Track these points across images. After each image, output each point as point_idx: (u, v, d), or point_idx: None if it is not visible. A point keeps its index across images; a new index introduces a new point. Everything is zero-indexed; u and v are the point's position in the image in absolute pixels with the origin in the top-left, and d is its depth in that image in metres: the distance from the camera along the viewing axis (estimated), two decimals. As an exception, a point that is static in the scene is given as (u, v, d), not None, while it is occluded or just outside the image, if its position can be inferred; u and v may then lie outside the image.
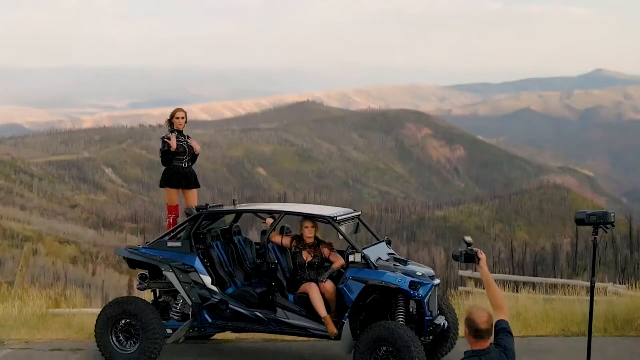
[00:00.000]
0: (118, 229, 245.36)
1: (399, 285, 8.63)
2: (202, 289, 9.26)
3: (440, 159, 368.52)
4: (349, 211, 9.95)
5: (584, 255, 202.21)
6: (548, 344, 11.00)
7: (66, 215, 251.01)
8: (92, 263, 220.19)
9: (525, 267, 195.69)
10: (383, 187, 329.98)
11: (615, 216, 6.95)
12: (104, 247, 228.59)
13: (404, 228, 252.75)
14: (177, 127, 10.43)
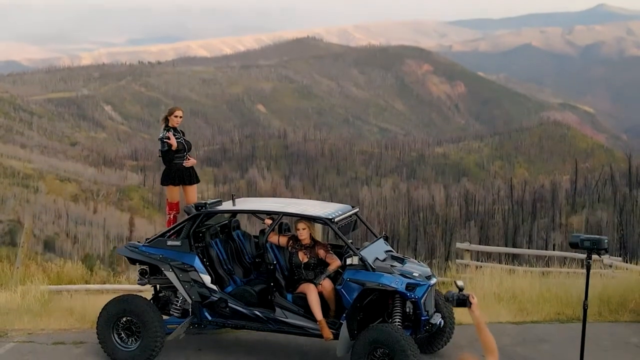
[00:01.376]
0: (118, 167, 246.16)
1: (396, 287, 8.76)
2: (202, 287, 9.39)
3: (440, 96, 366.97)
4: (347, 208, 9.99)
5: (582, 192, 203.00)
6: (542, 331, 11.15)
7: (66, 153, 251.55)
8: (93, 201, 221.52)
9: (524, 204, 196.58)
10: (383, 123, 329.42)
11: (608, 242, 7.03)
12: (105, 185, 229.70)
13: (404, 165, 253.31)
14: (172, 125, 10.43)
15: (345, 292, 8.92)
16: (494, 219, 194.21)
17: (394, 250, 10.17)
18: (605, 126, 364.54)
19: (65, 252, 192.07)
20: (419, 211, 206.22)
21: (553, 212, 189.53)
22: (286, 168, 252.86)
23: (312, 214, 9.24)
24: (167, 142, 10.30)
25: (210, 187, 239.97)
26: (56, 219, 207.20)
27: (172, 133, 10.38)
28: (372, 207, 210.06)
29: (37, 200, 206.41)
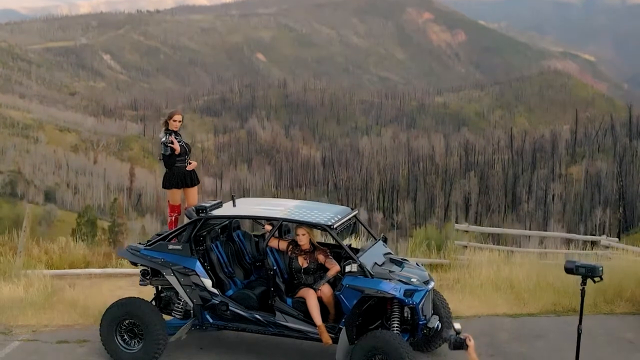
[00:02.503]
0: (118, 116, 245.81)
1: (394, 294, 8.86)
2: (203, 291, 9.49)
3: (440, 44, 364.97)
4: (346, 211, 10.06)
5: (582, 142, 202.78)
6: (539, 325, 11.28)
7: (65, 102, 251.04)
8: (93, 151, 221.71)
9: (524, 155, 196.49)
10: (383, 72, 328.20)
11: (602, 270, 7.13)
12: (105, 135, 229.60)
13: (404, 114, 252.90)
14: (172, 128, 10.47)
15: (345, 298, 9.02)
16: (494, 169, 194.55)
17: (392, 252, 10.26)
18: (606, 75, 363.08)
19: (66, 203, 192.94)
20: (418, 161, 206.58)
21: (553, 162, 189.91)
22: (286, 118, 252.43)
23: (312, 221, 9.29)
24: (171, 146, 10.34)
25: (210, 137, 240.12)
26: (56, 169, 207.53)
27: (173, 137, 10.41)
28: (371, 158, 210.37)
29: (37, 150, 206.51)
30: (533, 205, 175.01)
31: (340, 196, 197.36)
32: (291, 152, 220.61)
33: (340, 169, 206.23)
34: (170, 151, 10.35)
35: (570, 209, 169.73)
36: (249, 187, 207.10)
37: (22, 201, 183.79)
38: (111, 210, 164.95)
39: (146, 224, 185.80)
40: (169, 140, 10.32)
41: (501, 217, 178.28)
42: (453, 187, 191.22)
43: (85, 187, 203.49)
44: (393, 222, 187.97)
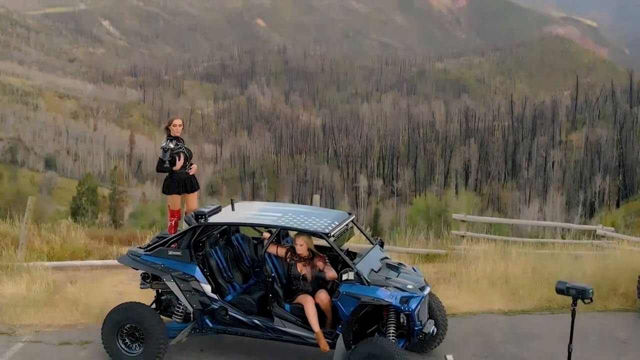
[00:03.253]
0: (117, 83, 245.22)
1: (390, 301, 9.01)
2: (203, 296, 9.64)
3: (441, 10, 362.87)
4: (344, 217, 10.15)
5: (582, 109, 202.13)
6: (533, 324, 11.41)
7: (65, 69, 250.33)
8: (93, 118, 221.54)
9: (525, 121, 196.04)
10: (383, 38, 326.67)
11: (592, 292, 7.28)
12: (104, 102, 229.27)
13: (404, 81, 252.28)
14: (174, 134, 10.55)
15: (342, 305, 9.18)
16: (494, 136, 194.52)
17: (389, 257, 10.41)
18: (608, 40, 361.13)
19: (66, 170, 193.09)
20: (418, 128, 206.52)
21: (553, 129, 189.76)
22: (286, 84, 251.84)
23: (309, 229, 9.41)
24: (173, 158, 10.45)
25: (210, 104, 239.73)
26: (56, 136, 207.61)
27: (174, 143, 10.49)
28: (372, 124, 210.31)
29: (37, 117, 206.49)
30: (533, 173, 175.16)
31: (340, 163, 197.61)
32: (291, 118, 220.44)
33: (340, 135, 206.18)
34: (170, 164, 10.46)
35: (570, 176, 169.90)
36: (248, 154, 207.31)
37: (22, 168, 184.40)
38: (111, 178, 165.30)
39: (146, 190, 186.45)
40: (172, 153, 10.42)
41: (501, 184, 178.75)
42: (453, 154, 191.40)
43: (86, 154, 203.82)
44: (393, 189, 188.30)
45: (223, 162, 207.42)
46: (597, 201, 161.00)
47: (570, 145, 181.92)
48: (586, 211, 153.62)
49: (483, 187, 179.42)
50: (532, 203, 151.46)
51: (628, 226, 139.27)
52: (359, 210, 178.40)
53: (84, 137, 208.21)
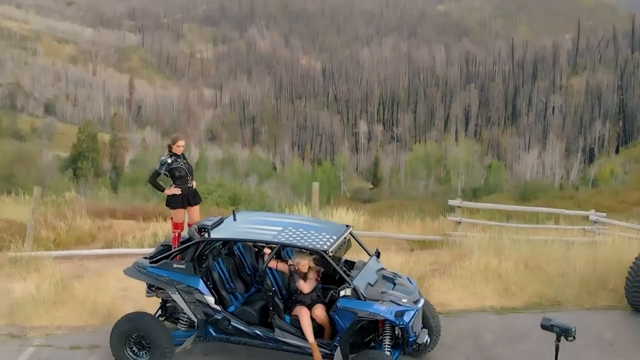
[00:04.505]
0: (116, 27, 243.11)
1: (386, 316, 9.45)
2: (206, 307, 10.06)
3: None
4: (342, 230, 10.49)
5: (584, 53, 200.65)
6: (523, 325, 11.76)
7: (62, 12, 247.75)
8: (92, 62, 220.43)
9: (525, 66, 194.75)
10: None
11: (575, 331, 7.68)
12: (103, 46, 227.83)
13: (405, 24, 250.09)
14: (176, 152, 10.86)
15: (339, 318, 9.62)
16: (494, 81, 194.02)
17: (385, 268, 10.81)
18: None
19: (65, 115, 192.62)
20: (419, 72, 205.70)
21: (553, 73, 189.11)
22: (285, 27, 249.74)
23: (308, 246, 9.77)
24: (171, 191, 10.83)
25: (209, 48, 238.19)
26: (55, 81, 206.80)
27: (174, 159, 10.79)
28: (372, 69, 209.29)
29: (35, 62, 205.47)
30: (533, 118, 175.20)
31: (340, 108, 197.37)
32: (291, 62, 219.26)
33: (340, 80, 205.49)
34: (168, 172, 10.78)
35: (570, 121, 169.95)
36: (248, 99, 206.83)
37: (21, 114, 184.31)
38: (112, 124, 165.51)
39: (146, 136, 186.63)
40: (162, 170, 10.74)
41: (501, 130, 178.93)
42: (453, 99, 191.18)
43: (85, 99, 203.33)
44: (393, 134, 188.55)
45: (223, 107, 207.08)
46: (597, 147, 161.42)
47: (571, 91, 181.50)
48: (585, 158, 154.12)
49: (483, 132, 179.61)
50: (532, 149, 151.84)
51: (627, 173, 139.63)
52: (358, 156, 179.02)
53: (83, 82, 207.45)
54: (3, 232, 15.91)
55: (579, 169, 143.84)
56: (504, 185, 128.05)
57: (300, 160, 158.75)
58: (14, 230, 15.75)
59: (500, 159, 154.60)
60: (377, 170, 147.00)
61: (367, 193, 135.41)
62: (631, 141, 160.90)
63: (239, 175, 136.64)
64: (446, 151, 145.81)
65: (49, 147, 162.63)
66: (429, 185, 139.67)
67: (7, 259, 14.40)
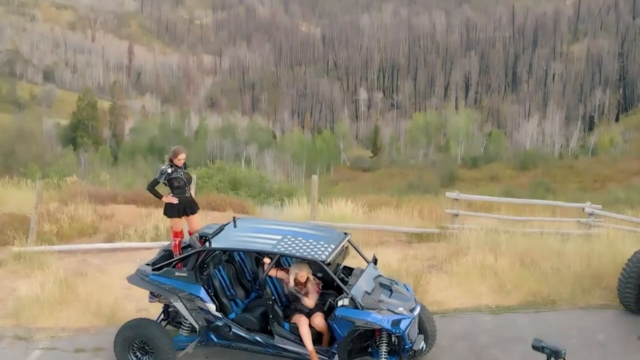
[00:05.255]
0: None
1: (383, 325, 9.73)
2: (207, 314, 10.33)
3: None
4: (340, 237, 10.71)
5: (585, 19, 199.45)
6: (518, 325, 12.01)
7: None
8: (91, 29, 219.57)
9: (526, 32, 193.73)
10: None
11: (565, 353, 7.91)
12: (102, 12, 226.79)
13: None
14: (176, 164, 11.04)
15: (337, 327, 9.89)
16: (495, 47, 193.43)
17: (382, 274, 11.05)
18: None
19: (65, 82, 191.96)
20: (419, 39, 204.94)
21: (554, 40, 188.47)
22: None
23: (307, 256, 10.01)
24: (169, 200, 11.00)
25: (208, 14, 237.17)
26: (54, 48, 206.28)
27: (173, 169, 10.96)
28: (372, 35, 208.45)
29: (34, 28, 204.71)
30: (533, 86, 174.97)
31: (340, 75, 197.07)
32: (290, 29, 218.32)
33: (340, 47, 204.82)
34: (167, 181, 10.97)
35: (570, 88, 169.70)
36: (248, 66, 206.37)
37: (20, 81, 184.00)
38: (111, 92, 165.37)
39: (146, 103, 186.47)
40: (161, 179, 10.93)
41: (501, 97, 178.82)
42: (453, 66, 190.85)
43: (84, 65, 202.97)
44: (393, 101, 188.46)
45: (222, 74, 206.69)
46: (597, 115, 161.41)
47: (571, 58, 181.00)
48: (585, 126, 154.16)
49: (483, 100, 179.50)
50: (532, 117, 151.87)
51: (626, 141, 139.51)
52: (358, 124, 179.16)
53: (82, 49, 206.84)
54: (6, 226, 16.17)
55: (578, 137, 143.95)
56: (503, 154, 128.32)
57: (300, 129, 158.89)
58: (17, 225, 16.00)
59: (500, 127, 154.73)
60: (377, 138, 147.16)
61: (366, 162, 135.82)
62: (631, 109, 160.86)
63: (239, 144, 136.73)
64: (446, 119, 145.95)
65: (48, 114, 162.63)
66: (428, 154, 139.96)
67: (12, 255, 14.65)
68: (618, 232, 16.37)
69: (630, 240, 15.37)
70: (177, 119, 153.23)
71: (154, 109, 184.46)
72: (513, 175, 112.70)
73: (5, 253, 14.97)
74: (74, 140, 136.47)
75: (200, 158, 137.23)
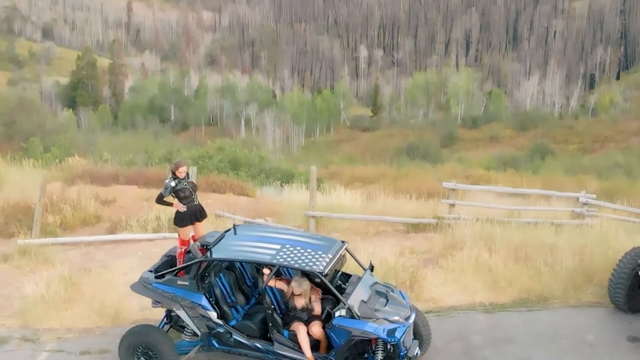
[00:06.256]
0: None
1: (379, 335, 10.08)
2: (209, 321, 10.69)
3: None
4: (337, 245, 11.01)
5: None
6: (511, 325, 12.29)
7: None
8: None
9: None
10: None
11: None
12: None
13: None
14: (179, 176, 11.27)
15: (335, 335, 10.25)
16: (496, 5, 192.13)
17: (379, 281, 11.36)
18: None
19: (64, 40, 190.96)
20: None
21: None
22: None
23: (305, 267, 10.32)
24: (180, 207, 11.26)
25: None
26: (53, 4, 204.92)
27: (177, 181, 11.20)
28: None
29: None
30: (534, 43, 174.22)
31: (340, 32, 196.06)
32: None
33: (340, 3, 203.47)
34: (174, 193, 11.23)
35: (571, 46, 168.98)
36: (247, 22, 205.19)
37: (19, 38, 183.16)
38: (110, 51, 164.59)
39: (145, 60, 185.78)
40: (166, 193, 11.19)
41: (501, 55, 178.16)
42: (454, 23, 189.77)
43: (83, 22, 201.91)
44: (393, 59, 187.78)
45: (222, 30, 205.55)
46: (598, 73, 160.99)
47: (573, 15, 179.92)
48: (586, 84, 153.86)
49: (483, 57, 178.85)
50: (532, 76, 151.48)
51: (627, 100, 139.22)
52: (358, 82, 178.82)
53: (80, 5, 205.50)
54: (10, 218, 16.47)
55: (579, 96, 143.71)
56: (503, 114, 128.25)
57: (300, 88, 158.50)
58: (21, 216, 16.30)
59: (501, 86, 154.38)
60: (377, 97, 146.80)
61: (366, 121, 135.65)
62: (632, 67, 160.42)
63: (239, 104, 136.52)
64: (446, 78, 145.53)
65: (48, 72, 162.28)
66: (428, 114, 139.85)
67: (17, 249, 14.96)
68: (611, 222, 16.70)
69: (623, 232, 15.68)
70: (177, 78, 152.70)
71: (153, 66, 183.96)
72: (512, 136, 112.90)
73: (10, 247, 15.28)
74: (74, 100, 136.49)
75: (201, 118, 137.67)
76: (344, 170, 40.82)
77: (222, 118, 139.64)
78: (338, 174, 38.80)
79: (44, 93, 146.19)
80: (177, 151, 28.25)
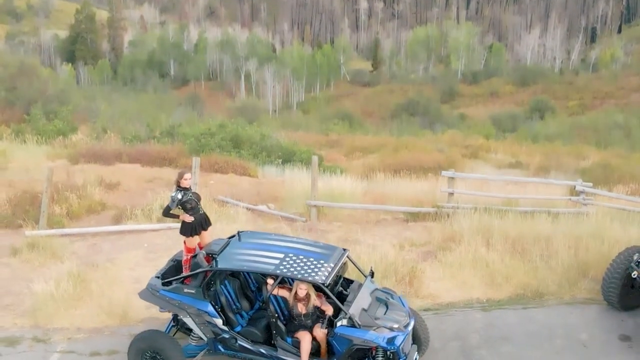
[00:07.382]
0: None
1: (379, 343, 10.47)
2: (214, 327, 11.09)
3: None
4: (339, 254, 11.33)
5: None
6: (507, 324, 12.62)
7: None
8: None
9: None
10: None
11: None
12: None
13: None
14: (183, 186, 11.56)
15: (336, 343, 10.64)
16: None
17: (379, 287, 11.71)
18: None
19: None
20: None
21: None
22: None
23: (307, 278, 10.67)
24: (185, 218, 11.57)
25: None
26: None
27: (182, 193, 11.50)
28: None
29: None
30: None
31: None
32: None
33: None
34: (179, 205, 11.55)
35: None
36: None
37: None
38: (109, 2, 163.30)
39: (144, 12, 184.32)
40: (173, 206, 11.51)
41: (502, 8, 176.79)
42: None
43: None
44: (393, 11, 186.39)
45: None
46: (599, 26, 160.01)
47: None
48: (587, 38, 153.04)
49: (484, 10, 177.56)
50: (533, 29, 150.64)
51: (628, 54, 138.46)
52: (359, 34, 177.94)
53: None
54: (17, 208, 16.80)
55: (580, 51, 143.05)
56: (503, 69, 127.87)
57: (299, 42, 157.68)
58: (28, 206, 16.63)
59: (501, 40, 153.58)
60: (377, 51, 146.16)
61: (367, 75, 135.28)
62: (634, 19, 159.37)
63: (239, 58, 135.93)
64: (447, 33, 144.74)
65: (46, 25, 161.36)
66: (428, 68, 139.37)
67: (25, 243, 15.29)
68: (607, 212, 17.01)
69: (618, 224, 15.99)
70: (176, 32, 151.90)
71: (152, 19, 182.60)
72: (512, 92, 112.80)
73: (19, 239, 15.61)
74: (73, 54, 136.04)
75: (200, 73, 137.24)
76: (344, 139, 41.02)
77: (221, 73, 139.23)
78: (338, 142, 39.09)
79: (43, 46, 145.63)
80: (179, 126, 28.35)
